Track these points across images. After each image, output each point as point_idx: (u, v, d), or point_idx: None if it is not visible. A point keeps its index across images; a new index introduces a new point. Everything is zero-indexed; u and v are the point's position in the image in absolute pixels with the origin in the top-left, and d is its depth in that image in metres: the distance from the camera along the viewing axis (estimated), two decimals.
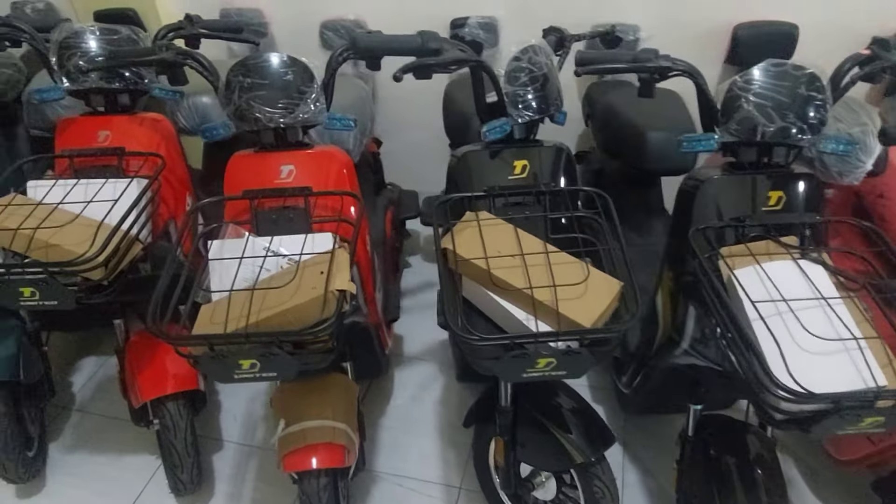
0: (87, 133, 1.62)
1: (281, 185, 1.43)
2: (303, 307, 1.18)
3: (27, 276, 1.30)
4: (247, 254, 1.30)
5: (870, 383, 0.99)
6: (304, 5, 2.57)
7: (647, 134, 1.85)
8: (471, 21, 2.40)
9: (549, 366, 1.12)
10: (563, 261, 1.21)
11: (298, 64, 1.37)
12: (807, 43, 2.19)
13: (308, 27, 2.57)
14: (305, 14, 2.57)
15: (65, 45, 1.55)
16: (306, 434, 1.47)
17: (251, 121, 1.38)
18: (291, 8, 2.60)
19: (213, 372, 1.17)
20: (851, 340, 1.02)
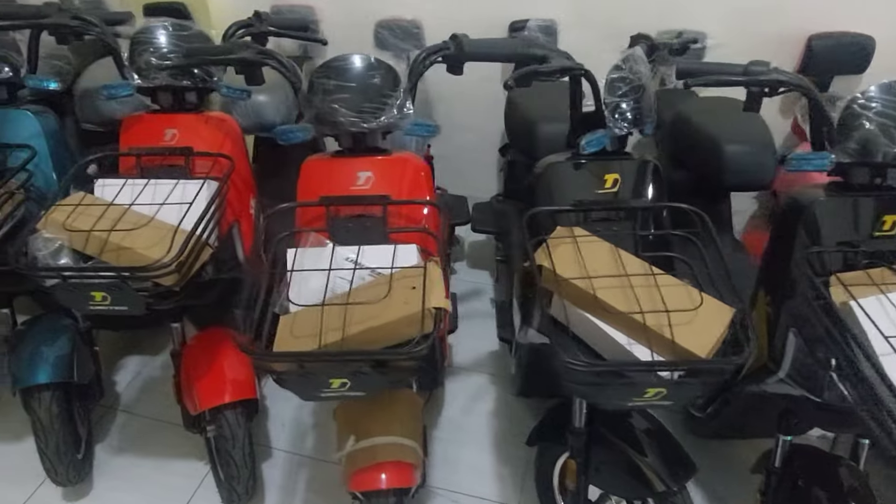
0: (154, 131, 1.57)
1: (358, 192, 1.38)
2: (395, 324, 1.12)
3: (100, 281, 1.25)
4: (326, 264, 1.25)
5: None
6: (358, 4, 2.52)
7: (725, 147, 1.78)
8: (530, 24, 2.34)
9: (658, 395, 1.06)
10: (669, 283, 1.15)
11: (384, 66, 1.31)
12: (883, 56, 2.12)
13: (360, 26, 2.52)
14: (359, 13, 2.52)
15: (136, 41, 1.50)
16: (376, 451, 1.42)
17: (332, 125, 1.32)
18: (344, 6, 2.55)
19: (297, 389, 1.12)
20: None
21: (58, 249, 1.32)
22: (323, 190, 1.37)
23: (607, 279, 1.15)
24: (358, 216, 1.37)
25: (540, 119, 1.93)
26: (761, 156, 1.78)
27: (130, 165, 1.57)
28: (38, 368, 1.70)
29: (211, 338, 1.74)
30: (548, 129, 1.91)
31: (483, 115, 2.63)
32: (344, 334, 1.09)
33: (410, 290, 1.16)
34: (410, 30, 2.40)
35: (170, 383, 2.15)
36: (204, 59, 1.37)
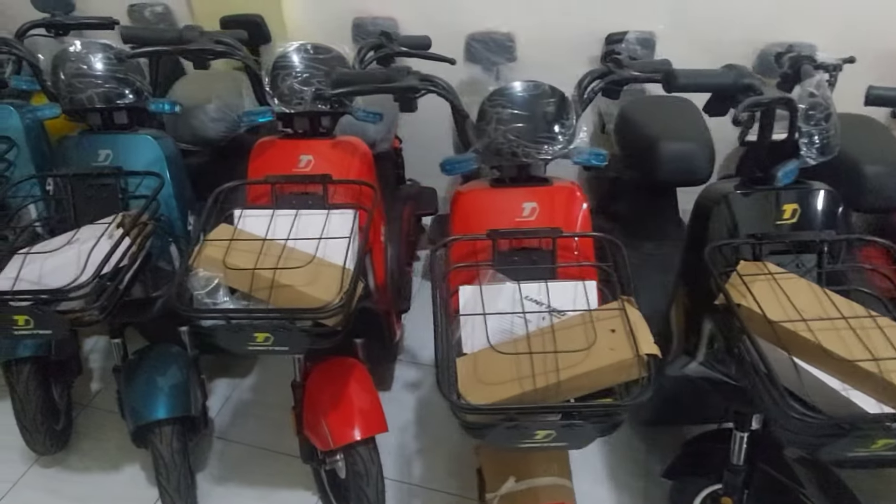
0: (288, 157, 1.51)
1: (524, 225, 1.32)
2: (603, 371, 1.06)
3: (266, 323, 1.19)
4: (505, 301, 1.19)
5: None
6: (445, 15, 2.45)
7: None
8: (629, 37, 2.27)
9: (887, 447, 1.00)
10: (888, 325, 1.09)
11: (557, 94, 1.25)
12: None
13: (449, 39, 2.45)
14: (447, 25, 2.45)
15: (278, 66, 1.44)
16: (539, 494, 1.36)
17: (505, 155, 1.26)
18: (429, 18, 2.48)
19: (499, 440, 1.05)
20: None
21: (215, 288, 1.26)
22: (485, 222, 1.31)
23: (820, 322, 1.09)
24: (522, 249, 1.31)
25: (664, 138, 1.86)
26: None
27: (262, 192, 1.51)
28: (157, 403, 1.65)
29: (336, 369, 1.68)
30: (673, 149, 1.85)
31: None
32: (559, 380, 1.03)
33: (610, 333, 1.10)
34: (504, 43, 2.34)
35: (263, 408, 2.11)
36: (371, 88, 1.30)
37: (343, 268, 1.24)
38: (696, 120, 1.95)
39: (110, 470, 2.01)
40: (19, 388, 1.83)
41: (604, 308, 1.14)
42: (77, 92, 1.51)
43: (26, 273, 1.36)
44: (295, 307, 1.20)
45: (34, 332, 1.30)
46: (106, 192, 1.55)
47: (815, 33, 2.20)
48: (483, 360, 1.14)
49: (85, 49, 1.51)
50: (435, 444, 2.06)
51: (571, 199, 1.36)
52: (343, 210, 1.39)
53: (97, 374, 2.37)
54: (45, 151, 1.89)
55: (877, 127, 1.87)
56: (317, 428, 1.60)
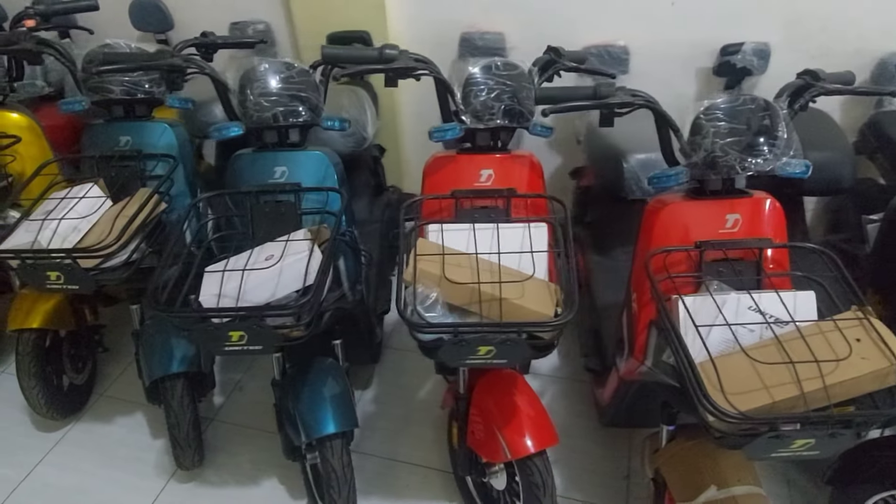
0: (470, 172, 1.53)
1: (729, 236, 1.34)
2: (857, 381, 1.07)
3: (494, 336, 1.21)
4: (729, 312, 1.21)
5: None
6: (556, 29, 2.47)
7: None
8: (745, 48, 2.29)
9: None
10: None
11: (771, 108, 1.27)
12: None
13: None
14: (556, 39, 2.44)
15: (471, 82, 1.46)
16: (739, 502, 1.36)
17: (721, 168, 1.28)
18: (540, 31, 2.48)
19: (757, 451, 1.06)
20: None
21: (433, 303, 1.28)
22: (691, 233, 1.33)
23: None
24: (725, 259, 1.33)
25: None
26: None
27: (439, 207, 1.53)
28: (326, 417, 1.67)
29: (499, 381, 1.69)
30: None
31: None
32: (827, 389, 1.04)
33: (856, 342, 1.11)
34: (620, 56, 2.37)
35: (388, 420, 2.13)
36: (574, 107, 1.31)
37: (550, 283, 1.26)
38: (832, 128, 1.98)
39: (248, 484, 2.02)
40: (174, 403, 1.86)
41: (841, 318, 1.16)
42: (263, 111, 1.54)
43: (227, 290, 1.38)
44: (521, 321, 1.21)
45: (246, 347, 1.32)
46: (284, 209, 1.57)
47: None
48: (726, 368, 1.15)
49: (272, 68, 1.54)
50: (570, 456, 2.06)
51: (773, 210, 1.38)
52: (537, 223, 1.41)
53: (218, 388, 2.39)
54: (195, 169, 1.94)
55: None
56: (489, 440, 1.61)
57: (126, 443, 2.18)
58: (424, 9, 2.59)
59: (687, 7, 2.35)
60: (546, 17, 2.48)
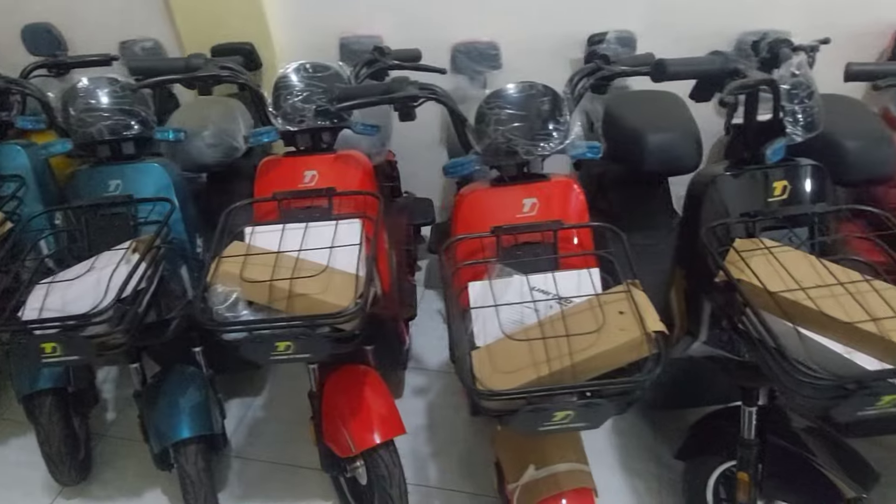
0: (294, 174, 1.56)
1: (525, 220, 1.37)
2: (615, 351, 1.11)
3: (288, 331, 1.23)
4: (513, 293, 1.24)
5: None
6: (429, 29, 2.52)
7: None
8: (609, 37, 2.34)
9: (892, 403, 1.05)
10: (883, 288, 1.14)
11: (553, 93, 1.31)
12: None
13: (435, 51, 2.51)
14: (431, 38, 2.51)
15: (281, 86, 1.49)
16: (559, 480, 1.39)
17: (505, 155, 1.32)
18: (413, 32, 2.55)
19: (522, 424, 1.09)
20: None
21: (234, 302, 1.30)
22: (488, 220, 1.36)
23: (818, 289, 1.14)
24: (525, 243, 1.36)
25: (649, 130, 1.93)
26: (883, 149, 1.78)
27: (269, 209, 1.55)
28: (180, 423, 1.68)
29: (349, 376, 1.72)
30: (657, 140, 1.92)
31: None
32: (573, 363, 1.07)
33: (619, 315, 1.15)
34: (488, 52, 2.41)
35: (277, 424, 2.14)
36: (374, 100, 1.35)
37: (356, 275, 1.28)
38: (680, 111, 2.02)
39: (132, 497, 2.03)
40: (42, 419, 1.86)
41: (610, 292, 1.19)
42: (87, 126, 1.56)
43: (50, 303, 1.40)
44: (314, 314, 1.24)
45: (62, 358, 1.34)
46: (118, 221, 1.59)
47: (787, 19, 2.28)
48: (497, 350, 1.18)
49: (93, 84, 1.56)
50: (448, 446, 2.09)
51: (569, 192, 1.42)
52: (350, 220, 1.44)
53: (111, 404, 2.40)
54: (51, 188, 1.94)
55: (854, 104, 1.94)
56: (337, 436, 1.64)
57: (15, 461, 2.18)
58: (304, 16, 2.63)
59: (550, 2, 2.40)
60: (420, 19, 2.52)
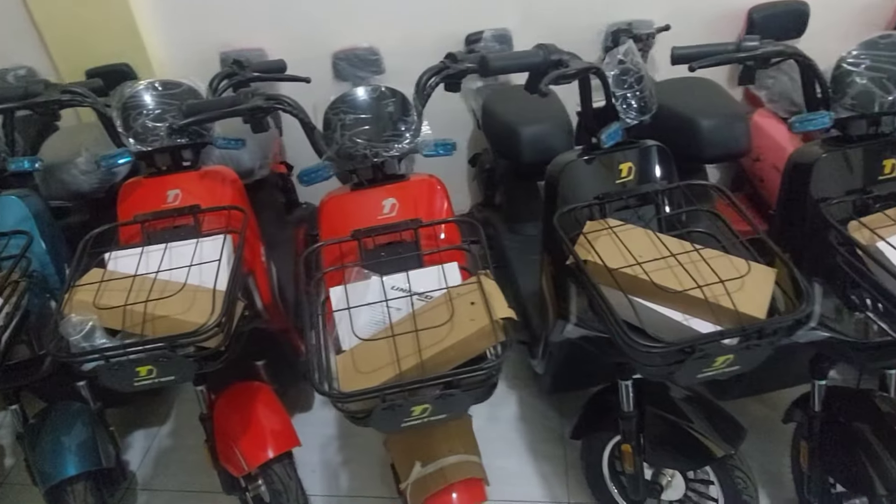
0: (156, 195, 1.52)
1: (386, 221, 1.39)
2: (466, 341, 1.13)
3: (146, 355, 1.21)
4: (374, 296, 1.26)
5: None
6: (310, 39, 2.52)
7: (702, 122, 1.88)
8: (485, 35, 2.40)
9: (726, 363, 1.11)
10: (712, 256, 1.21)
11: (394, 93, 1.33)
12: (817, 18, 2.28)
13: (316, 59, 2.52)
14: (313, 47, 2.51)
15: (130, 106, 1.45)
16: (446, 473, 1.41)
17: (355, 158, 1.33)
18: (295, 42, 2.54)
19: (381, 423, 1.11)
20: None
21: (90, 331, 1.26)
22: (350, 224, 1.37)
23: (653, 263, 1.20)
24: (388, 244, 1.38)
25: (522, 123, 1.98)
26: (736, 127, 1.88)
27: (134, 233, 1.52)
28: (65, 461, 1.62)
29: (239, 394, 1.69)
30: (530, 132, 1.97)
31: (444, 130, 2.67)
32: (421, 359, 1.09)
33: (470, 306, 1.17)
34: (368, 57, 2.42)
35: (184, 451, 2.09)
36: (218, 114, 1.34)
37: (214, 290, 1.27)
38: (553, 103, 2.08)
39: None
40: None
41: (461, 284, 1.22)
42: None
43: None
44: (170, 334, 1.21)
45: None
46: None
47: (652, 9, 2.38)
48: (359, 352, 1.19)
49: None
50: (360, 454, 2.09)
51: (430, 190, 1.44)
52: (213, 236, 1.42)
53: (9, 451, 2.28)
54: None
55: (710, 85, 2.05)
56: (230, 456, 1.61)
57: None
58: (182, 32, 2.57)
59: (428, 2, 2.43)
60: (301, 29, 2.51)
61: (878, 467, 1.37)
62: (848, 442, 1.46)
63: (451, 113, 2.64)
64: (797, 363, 1.55)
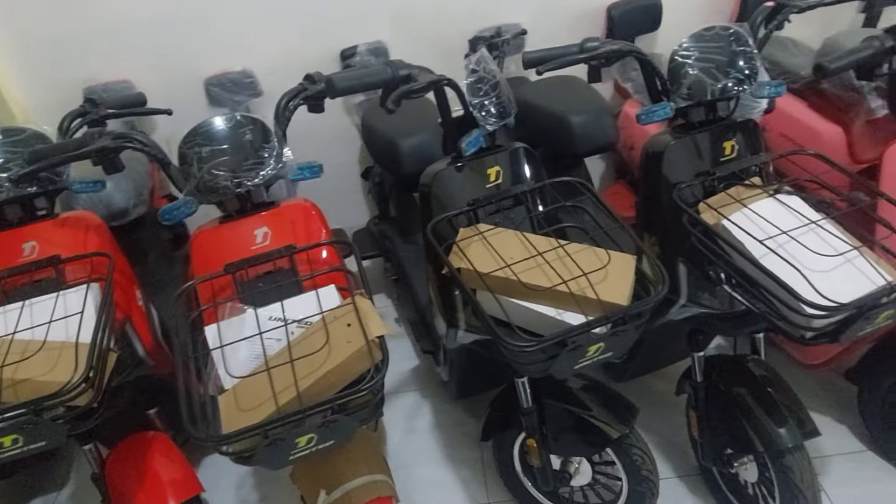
0: (9, 250, 1.43)
1: (260, 251, 1.35)
2: (345, 364, 1.12)
3: (7, 424, 1.12)
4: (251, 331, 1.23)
5: (878, 282, 1.12)
6: (179, 67, 2.43)
7: (572, 119, 1.95)
8: (360, 49, 2.39)
9: (598, 350, 1.16)
10: (577, 250, 1.26)
11: (251, 121, 1.30)
12: (670, 11, 2.42)
13: (188, 87, 2.43)
14: (183, 75, 2.43)
15: None
16: (352, 497, 1.40)
17: (216, 191, 1.29)
18: (165, 72, 2.45)
19: (266, 460, 1.08)
20: (850, 252, 1.15)
21: None
22: (222, 258, 1.33)
23: (523, 262, 1.23)
24: (266, 273, 1.35)
25: (400, 135, 1.99)
26: (603, 121, 1.97)
27: None
28: None
29: (133, 447, 1.61)
30: (409, 144, 1.99)
31: (332, 146, 2.67)
32: (298, 390, 1.07)
33: (346, 328, 1.17)
34: (242, 80, 2.36)
35: None
36: (62, 159, 1.26)
37: (76, 343, 1.20)
38: (430, 113, 2.10)
39: None
40: None
41: (338, 307, 1.21)
42: None
43: None
44: (33, 398, 1.14)
45: None
46: None
47: (518, 13, 2.45)
48: (240, 390, 1.16)
49: None
50: (278, 490, 2.04)
51: (304, 214, 1.42)
52: (76, 287, 1.35)
53: None
54: None
55: (577, 83, 2.13)
56: None
57: None
58: (39, 69, 2.42)
59: (299, 20, 2.41)
60: (169, 57, 2.43)
61: (756, 427, 1.46)
62: (729, 407, 1.55)
63: (336, 129, 2.63)
64: (683, 339, 1.64)
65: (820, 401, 2.03)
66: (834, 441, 1.92)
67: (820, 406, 2.02)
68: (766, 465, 1.53)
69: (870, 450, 1.88)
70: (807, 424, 1.44)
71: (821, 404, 2.02)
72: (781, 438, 1.42)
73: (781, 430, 1.43)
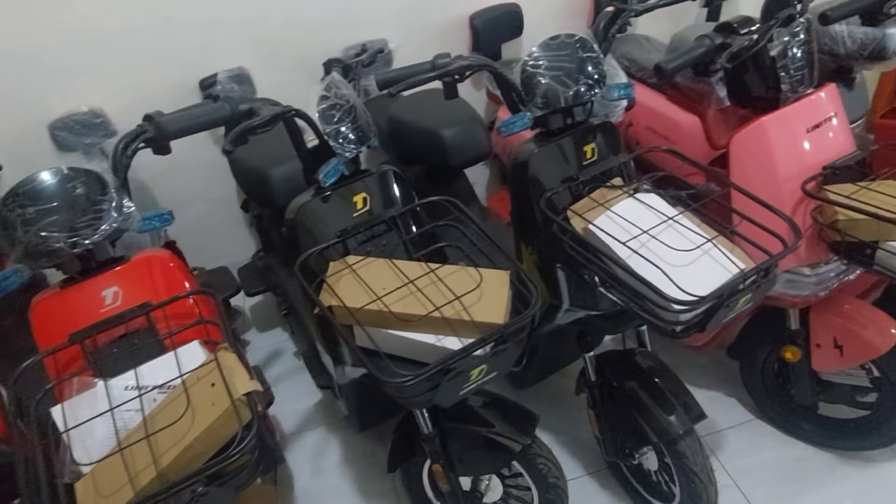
0: None
1: (111, 313, 1.23)
2: (211, 430, 1.03)
3: None
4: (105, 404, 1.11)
5: (733, 271, 1.16)
6: (17, 113, 2.21)
7: (442, 133, 1.94)
8: (220, 77, 2.27)
9: (482, 373, 1.13)
10: (449, 272, 1.23)
11: (82, 172, 1.18)
12: (531, 16, 2.46)
13: (31, 134, 2.22)
14: (22, 121, 2.22)
15: None
16: None
17: (48, 255, 1.16)
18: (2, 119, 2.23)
19: None
20: (706, 244, 1.19)
21: None
22: (67, 327, 1.20)
23: (396, 292, 1.19)
24: (121, 337, 1.23)
25: (268, 166, 1.91)
26: (475, 132, 1.97)
27: None
28: None
29: None
30: (279, 174, 1.90)
31: (207, 181, 2.53)
32: (159, 468, 0.98)
33: (210, 388, 1.07)
34: (91, 121, 2.18)
35: None
36: None
37: None
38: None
39: None
40: None
41: (200, 366, 1.11)
42: None
43: None
44: None
45: None
46: None
47: (382, 28, 2.41)
48: (99, 474, 1.05)
49: None
50: None
51: (160, 267, 1.31)
52: None
53: None
54: None
55: None
56: None
57: None
58: None
59: (150, 50, 2.26)
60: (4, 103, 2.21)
61: (648, 419, 1.49)
62: (623, 401, 1.58)
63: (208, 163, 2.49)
64: None
65: (711, 377, 2.12)
66: (726, 414, 2.00)
67: (711, 382, 2.11)
68: (662, 452, 1.57)
69: (758, 418, 1.98)
70: (693, 409, 1.49)
71: (712, 380, 2.11)
72: (672, 426, 1.46)
73: (671, 419, 1.46)
